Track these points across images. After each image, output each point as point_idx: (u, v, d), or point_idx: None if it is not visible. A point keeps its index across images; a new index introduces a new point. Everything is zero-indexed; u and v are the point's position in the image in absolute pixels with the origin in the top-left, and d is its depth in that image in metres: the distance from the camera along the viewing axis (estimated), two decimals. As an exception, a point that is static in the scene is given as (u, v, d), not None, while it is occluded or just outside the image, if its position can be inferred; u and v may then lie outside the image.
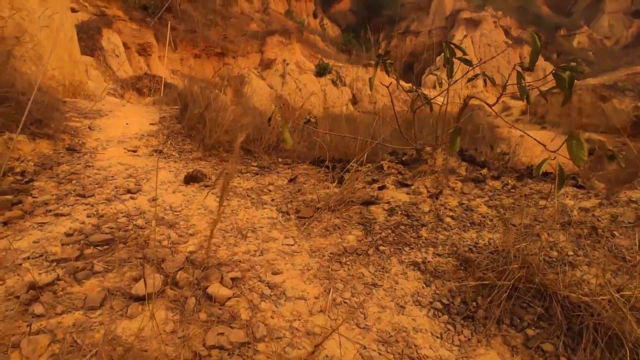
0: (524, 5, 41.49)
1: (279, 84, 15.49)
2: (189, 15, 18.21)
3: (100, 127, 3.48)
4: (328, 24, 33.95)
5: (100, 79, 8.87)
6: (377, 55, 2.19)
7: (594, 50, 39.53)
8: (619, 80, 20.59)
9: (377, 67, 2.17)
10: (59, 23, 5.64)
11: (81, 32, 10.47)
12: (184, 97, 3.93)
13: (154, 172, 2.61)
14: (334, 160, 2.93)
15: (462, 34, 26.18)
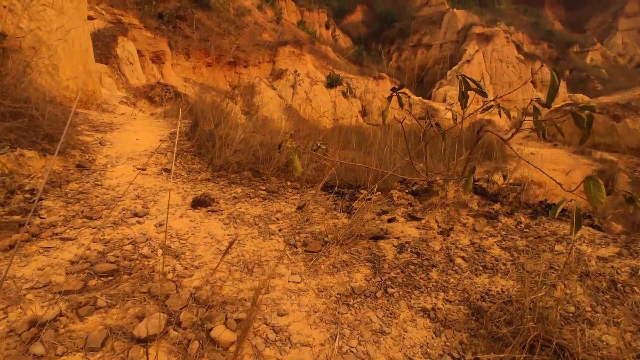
0: (537, 21, 41.46)
1: (290, 95, 15.56)
2: (202, 23, 18.47)
3: (111, 142, 3.50)
4: (340, 35, 34.19)
5: (114, 87, 8.98)
6: (392, 88, 2.16)
7: (607, 68, 39.25)
8: (633, 100, 20.33)
9: (390, 100, 2.14)
10: (75, 34, 5.74)
11: (97, 40, 10.66)
12: (195, 113, 3.94)
13: (162, 194, 2.60)
14: (344, 186, 2.90)
15: (473, 48, 26.17)
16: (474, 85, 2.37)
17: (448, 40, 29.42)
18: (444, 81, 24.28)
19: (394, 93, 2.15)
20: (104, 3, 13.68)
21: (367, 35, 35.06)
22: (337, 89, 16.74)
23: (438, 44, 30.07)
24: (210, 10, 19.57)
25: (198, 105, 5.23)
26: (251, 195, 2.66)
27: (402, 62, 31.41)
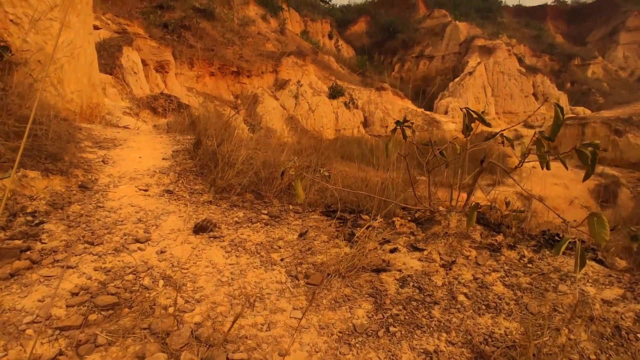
0: (539, 34, 41.76)
1: (292, 105, 15.64)
2: (207, 33, 18.64)
3: (114, 161, 3.51)
4: (343, 45, 34.47)
5: (117, 98, 9.04)
6: (396, 122, 2.17)
7: (608, 81, 39.43)
8: (634, 114, 20.39)
9: (394, 133, 2.15)
10: (80, 48, 5.79)
11: (102, 50, 10.76)
12: (198, 131, 3.95)
13: (164, 217, 2.60)
14: (346, 210, 2.89)
15: (475, 60, 26.34)
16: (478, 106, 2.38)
17: (450, 52, 29.63)
18: (446, 93, 24.40)
19: (398, 126, 2.15)
20: (110, 13, 13.84)
21: (370, 46, 35.33)
22: (339, 100, 16.82)
23: (440, 56, 30.29)
24: (214, 20, 19.78)
25: (201, 121, 5.26)
26: (253, 220, 2.65)
27: (404, 72, 31.62)
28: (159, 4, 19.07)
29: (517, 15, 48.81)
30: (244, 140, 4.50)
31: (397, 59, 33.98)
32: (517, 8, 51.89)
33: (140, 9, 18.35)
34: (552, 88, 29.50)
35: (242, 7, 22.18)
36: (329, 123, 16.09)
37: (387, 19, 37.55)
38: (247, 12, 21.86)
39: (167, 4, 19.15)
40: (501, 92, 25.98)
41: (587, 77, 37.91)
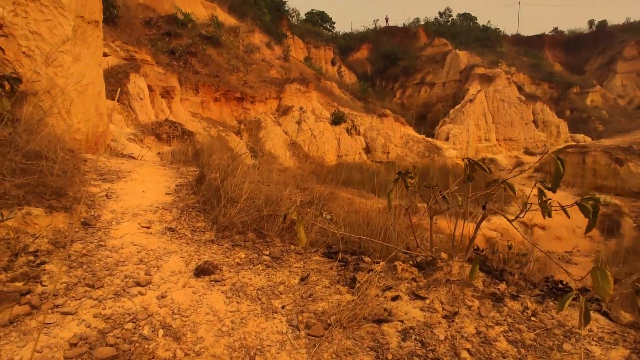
0: (537, 63, 42.60)
1: (295, 131, 15.82)
2: (212, 60, 19.09)
3: (117, 195, 3.53)
4: (345, 72, 35.16)
5: (123, 124, 9.19)
6: (398, 172, 2.20)
7: (607, 109, 39.91)
8: (634, 143, 20.53)
9: (396, 182, 2.17)
10: (89, 78, 5.92)
11: (110, 77, 11.00)
12: (202, 165, 3.99)
13: (165, 258, 2.60)
14: (347, 252, 2.89)
15: (476, 88, 26.78)
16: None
17: (451, 80, 30.16)
18: (447, 119, 24.69)
19: (400, 177, 2.18)
20: (119, 40, 14.22)
21: (372, 72, 36.03)
22: (341, 126, 17.02)
23: (441, 83, 30.82)
24: (220, 47, 20.28)
25: (205, 152, 5.32)
26: (255, 261, 2.65)
27: (405, 99, 32.10)
28: (166, 31, 19.63)
29: (516, 44, 49.94)
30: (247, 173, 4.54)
31: (398, 85, 34.59)
32: (515, 37, 53.15)
33: (148, 36, 18.88)
34: (552, 116, 29.85)
35: (247, 35, 22.79)
36: (331, 149, 16.22)
37: (389, 47, 38.48)
38: (252, 40, 22.44)
39: (175, 32, 19.70)
40: (501, 120, 26.28)
41: (586, 105, 38.41)
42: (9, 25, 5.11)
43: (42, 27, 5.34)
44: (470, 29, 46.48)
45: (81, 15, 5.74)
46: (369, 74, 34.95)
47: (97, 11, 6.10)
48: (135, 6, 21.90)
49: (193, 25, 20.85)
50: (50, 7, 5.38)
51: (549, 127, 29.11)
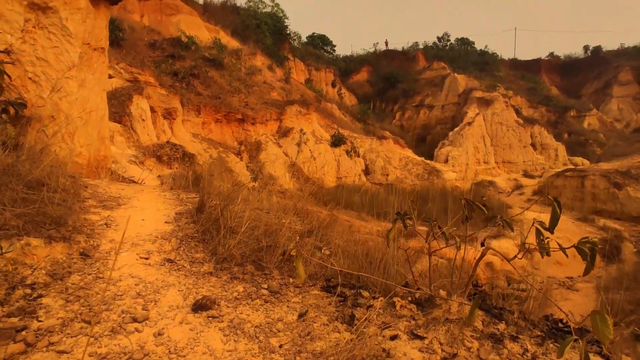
0: (534, 86, 43.26)
1: (295, 152, 15.93)
2: (215, 81, 19.39)
3: (117, 224, 3.54)
4: (345, 93, 35.67)
5: (124, 146, 9.26)
6: (397, 213, 2.22)
7: (604, 132, 40.30)
8: (632, 167, 20.64)
9: (395, 223, 2.19)
10: (93, 103, 6.02)
11: (113, 99, 11.16)
12: (202, 193, 4.01)
13: (163, 292, 2.59)
14: (346, 285, 2.88)
15: (474, 111, 27.13)
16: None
17: (450, 102, 30.60)
18: (446, 142, 24.91)
19: (399, 218, 2.20)
20: (124, 62, 14.49)
21: (372, 94, 36.56)
22: (341, 148, 17.16)
23: (440, 105, 31.24)
24: (223, 69, 20.65)
25: (205, 178, 5.35)
26: (253, 295, 2.63)
27: (405, 121, 32.47)
28: (170, 53, 20.01)
29: (513, 68, 50.84)
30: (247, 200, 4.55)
31: (398, 107, 35.04)
32: (512, 61, 54.16)
33: (152, 58, 19.24)
34: (550, 139, 30.13)
35: (249, 58, 23.24)
36: (331, 171, 16.30)
37: (389, 70, 39.16)
38: (254, 62, 22.87)
39: (179, 54, 20.09)
40: (500, 142, 26.53)
41: (583, 128, 38.80)
42: (17, 52, 5.22)
43: (49, 53, 5.45)
44: (468, 53, 47.42)
45: (88, 43, 5.87)
46: (369, 96, 35.49)
47: (104, 38, 6.25)
48: (141, 29, 22.41)
49: (196, 47, 21.28)
50: (58, 35, 5.51)
51: (547, 150, 29.34)
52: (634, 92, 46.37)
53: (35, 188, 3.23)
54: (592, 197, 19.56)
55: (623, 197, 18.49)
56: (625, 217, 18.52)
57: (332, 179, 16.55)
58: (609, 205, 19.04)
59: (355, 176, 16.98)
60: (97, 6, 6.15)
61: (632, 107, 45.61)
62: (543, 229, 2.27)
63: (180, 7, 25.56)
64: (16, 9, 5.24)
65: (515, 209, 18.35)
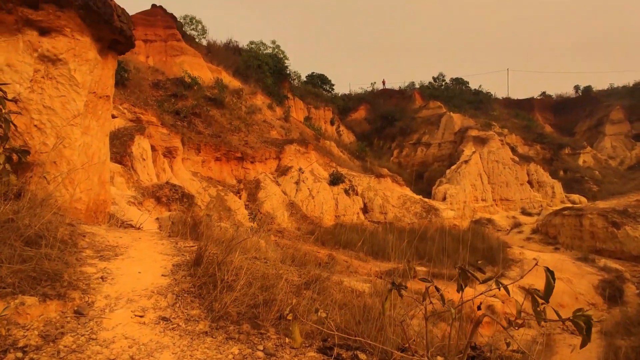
0: (528, 124, 44.21)
1: (294, 191, 16.01)
2: (215, 120, 19.81)
3: (113, 277, 3.51)
4: (344, 131, 36.34)
5: (124, 186, 9.33)
6: (392, 282, 2.24)
7: (599, 169, 40.75)
8: (629, 206, 20.73)
9: (391, 292, 2.21)
10: (96, 149, 6.13)
11: (115, 139, 11.35)
12: (199, 245, 4.01)
13: (157, 354, 2.54)
14: (343, 346, 2.83)
15: (470, 149, 27.57)
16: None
17: (446, 141, 31.16)
18: (443, 179, 25.13)
19: (394, 287, 2.22)
20: (127, 103, 14.87)
21: (370, 132, 37.27)
22: (339, 186, 17.28)
23: (437, 143, 31.79)
24: (223, 108, 21.15)
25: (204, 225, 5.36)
26: (248, 358, 2.59)
27: (403, 158, 32.89)
28: (173, 92, 20.57)
29: (507, 107, 52.16)
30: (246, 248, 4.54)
31: (395, 144, 35.62)
32: (506, 100, 55.63)
33: (156, 97, 19.75)
34: (546, 176, 30.44)
35: (250, 97, 23.88)
36: (329, 209, 16.31)
37: (386, 108, 40.15)
38: (254, 101, 23.47)
39: (181, 93, 20.65)
40: (497, 180, 26.76)
41: (578, 166, 39.27)
42: (25, 101, 5.39)
43: (55, 102, 5.61)
44: (463, 92, 48.83)
45: (94, 91, 6.06)
46: (367, 134, 36.18)
47: (110, 86, 6.46)
48: (146, 69, 23.17)
49: (199, 87, 21.90)
50: (66, 85, 5.70)
51: (544, 187, 29.55)
52: (625, 130, 47.41)
53: (33, 243, 3.24)
54: (591, 236, 19.52)
55: (622, 237, 18.44)
56: (625, 256, 18.39)
57: (331, 218, 16.54)
58: (608, 244, 18.96)
59: (354, 214, 16.97)
60: (105, 57, 6.41)
61: (625, 145, 46.45)
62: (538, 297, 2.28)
63: (184, 48, 26.54)
64: (27, 60, 5.45)
65: (515, 248, 18.23)
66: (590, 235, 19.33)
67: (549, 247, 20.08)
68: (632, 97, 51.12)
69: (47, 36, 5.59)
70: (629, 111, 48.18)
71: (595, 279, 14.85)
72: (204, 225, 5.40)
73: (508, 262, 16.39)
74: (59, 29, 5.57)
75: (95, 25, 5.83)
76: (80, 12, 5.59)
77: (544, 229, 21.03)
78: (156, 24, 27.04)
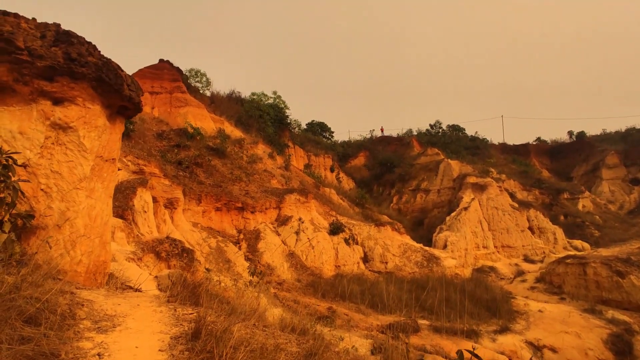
0: (525, 170, 44.77)
1: (294, 241, 15.94)
2: (217, 170, 20.13)
3: (110, 353, 3.47)
4: (343, 178, 36.74)
5: (124, 242, 9.33)
6: None
7: (599, 214, 40.66)
8: (632, 254, 20.52)
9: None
10: (99, 210, 6.23)
11: (118, 192, 11.52)
12: (199, 317, 4.00)
13: None
14: None
15: (469, 196, 27.75)
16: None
17: (445, 187, 31.43)
18: (443, 226, 25.06)
19: None
20: (131, 155, 15.22)
21: (369, 178, 37.70)
22: (339, 236, 17.22)
23: (436, 190, 32.04)
24: (225, 158, 21.57)
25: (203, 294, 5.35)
26: None
27: (402, 204, 33.00)
28: (176, 143, 21.08)
29: (504, 152, 53.10)
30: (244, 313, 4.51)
31: (395, 191, 35.88)
32: (502, 146, 56.72)
33: (159, 147, 20.22)
34: (547, 222, 30.36)
35: (251, 146, 24.43)
36: (329, 259, 16.15)
37: (385, 155, 40.89)
38: (255, 151, 23.99)
39: (184, 144, 21.16)
40: (497, 227, 26.67)
41: (578, 210, 39.26)
42: (34, 166, 5.57)
43: (63, 167, 5.79)
44: (460, 139, 49.95)
45: (100, 155, 6.28)
46: (366, 180, 36.61)
47: (116, 149, 6.69)
48: (151, 120, 23.91)
49: (201, 137, 22.48)
50: (74, 151, 5.91)
51: (546, 233, 29.37)
52: (622, 174, 47.91)
53: (34, 320, 3.25)
54: (596, 286, 19.15)
55: (628, 286, 18.11)
56: (632, 307, 17.97)
57: (331, 268, 16.34)
58: (614, 294, 18.57)
59: (354, 264, 16.78)
60: (113, 122, 6.69)
61: (623, 189, 46.72)
62: None
63: (189, 100, 27.54)
64: (39, 128, 5.69)
65: (519, 299, 17.82)
66: (595, 284, 18.98)
67: (554, 296, 19.64)
68: (625, 142, 52.26)
69: (60, 105, 5.86)
70: (623, 156, 48.99)
71: (604, 333, 14.41)
72: (203, 288, 5.38)
73: (513, 314, 15.97)
74: (71, 99, 5.86)
75: (106, 94, 6.14)
76: (93, 84, 5.90)
77: (548, 278, 20.67)
78: (163, 77, 28.28)
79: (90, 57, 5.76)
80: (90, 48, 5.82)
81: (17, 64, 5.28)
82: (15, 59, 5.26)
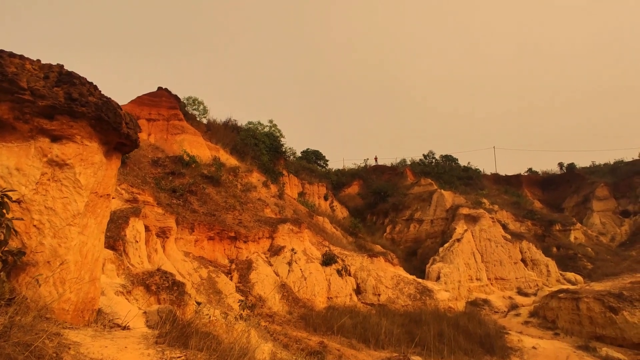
0: (517, 200, 45.19)
1: (286, 272, 15.80)
2: (211, 198, 20.12)
3: (95, 402, 3.43)
4: (337, 206, 36.78)
5: (114, 274, 9.22)
6: None
7: (591, 246, 40.84)
8: (624, 289, 20.51)
9: None
10: (90, 246, 6.23)
11: (111, 222, 11.45)
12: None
13: None
14: None
15: (462, 227, 27.85)
16: None
17: (438, 217, 31.56)
18: (436, 257, 24.99)
19: None
20: (126, 183, 15.24)
21: (363, 207, 37.78)
22: (332, 267, 17.09)
23: (429, 220, 32.13)
24: (219, 186, 21.62)
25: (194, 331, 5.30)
26: None
27: (396, 234, 32.96)
28: (171, 170, 21.14)
29: (496, 182, 53.72)
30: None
31: (388, 220, 35.91)
32: (494, 176, 57.45)
33: (154, 174, 20.25)
34: (539, 254, 30.39)
35: (246, 174, 24.54)
36: (321, 291, 15.97)
37: (379, 184, 41.18)
38: (250, 179, 24.08)
39: (179, 171, 21.22)
40: (490, 258, 26.65)
41: (570, 242, 39.43)
42: (28, 202, 5.60)
43: (57, 203, 5.83)
44: (453, 169, 50.60)
45: (95, 191, 6.33)
46: (360, 209, 36.71)
47: (112, 185, 6.75)
48: (147, 146, 24.06)
49: (197, 165, 22.58)
50: (70, 187, 5.96)
51: (539, 265, 29.35)
52: (612, 206, 48.52)
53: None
54: (589, 321, 19.04)
55: (621, 322, 18.03)
56: (627, 343, 17.83)
57: (323, 300, 16.14)
58: (608, 330, 18.45)
59: (346, 296, 16.60)
60: (110, 157, 6.79)
61: (614, 221, 47.18)
62: None
63: (185, 127, 27.82)
64: (36, 164, 5.76)
65: (513, 334, 17.62)
66: (589, 320, 18.87)
67: (549, 332, 19.45)
68: (614, 175, 53.21)
69: (58, 142, 5.95)
70: (613, 188, 49.78)
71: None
72: (193, 328, 5.34)
73: (506, 350, 15.77)
74: (70, 137, 5.96)
75: (105, 132, 6.26)
76: (92, 122, 6.02)
77: (542, 312, 20.53)
78: (160, 104, 28.66)
79: (91, 96, 5.92)
80: (91, 88, 5.99)
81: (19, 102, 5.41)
82: (18, 98, 5.39)
